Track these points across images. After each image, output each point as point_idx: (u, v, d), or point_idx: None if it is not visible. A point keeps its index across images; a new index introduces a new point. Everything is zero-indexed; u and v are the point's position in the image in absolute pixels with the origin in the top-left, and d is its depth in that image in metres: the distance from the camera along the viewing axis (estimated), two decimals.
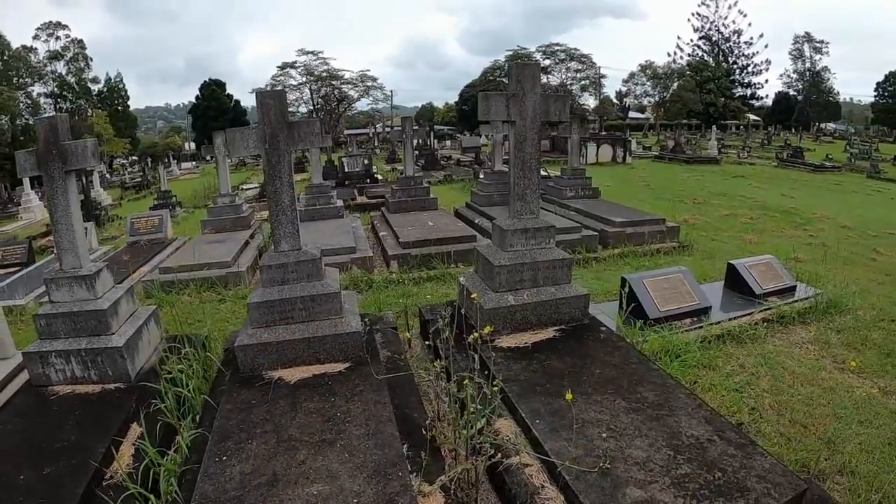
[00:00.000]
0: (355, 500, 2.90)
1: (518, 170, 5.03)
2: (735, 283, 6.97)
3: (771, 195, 18.20)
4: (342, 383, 4.13)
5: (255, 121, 4.77)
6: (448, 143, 46.49)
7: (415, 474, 3.17)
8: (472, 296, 4.51)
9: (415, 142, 34.38)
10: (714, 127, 41.60)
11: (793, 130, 60.73)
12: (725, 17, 76.25)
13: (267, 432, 3.51)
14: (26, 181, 21.01)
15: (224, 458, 3.27)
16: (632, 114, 73.68)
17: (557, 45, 58.62)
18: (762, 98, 79.24)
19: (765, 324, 6.11)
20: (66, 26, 54.98)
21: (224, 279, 8.31)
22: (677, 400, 3.76)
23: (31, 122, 47.40)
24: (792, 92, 79.38)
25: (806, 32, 78.01)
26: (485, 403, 3.39)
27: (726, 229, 12.37)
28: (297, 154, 31.74)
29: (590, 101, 63.61)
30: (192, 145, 59.00)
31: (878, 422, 4.30)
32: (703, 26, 77.20)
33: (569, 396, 3.08)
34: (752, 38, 76.38)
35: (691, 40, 77.95)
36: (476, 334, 3.30)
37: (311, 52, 51.32)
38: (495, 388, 3.32)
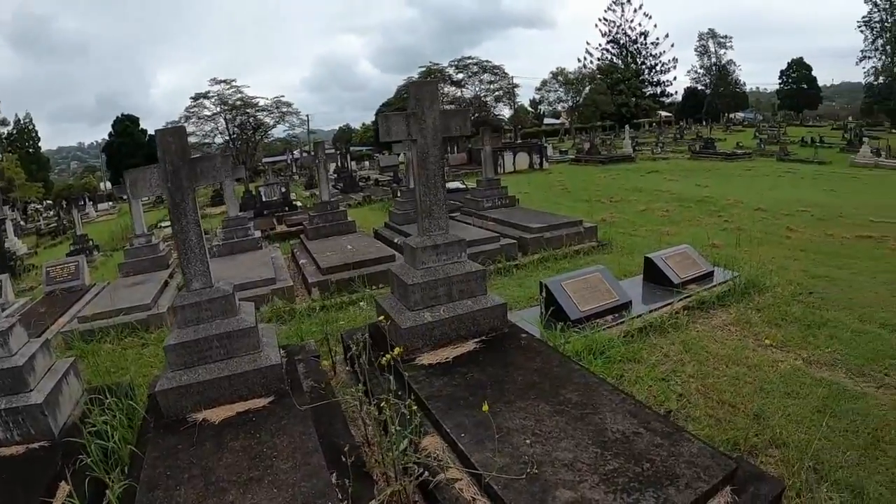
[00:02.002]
0: None
1: (423, 187, 5.05)
2: (653, 275, 7.13)
3: (685, 187, 18.76)
4: (266, 418, 4.04)
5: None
6: (367, 163, 46.40)
7: (345, 502, 3.11)
8: (379, 318, 4.49)
9: (333, 165, 34.26)
10: (627, 126, 42.84)
11: (703, 123, 63.02)
12: (632, 21, 79.02)
13: (195, 476, 3.41)
14: None
15: None
16: (547, 120, 75.06)
17: (469, 58, 59.25)
18: (672, 95, 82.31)
19: (685, 312, 6.26)
20: None
21: (145, 322, 8.03)
22: (601, 397, 3.80)
23: None
24: (700, 86, 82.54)
25: (710, 29, 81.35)
26: (405, 424, 3.36)
27: (643, 224, 12.70)
28: (215, 186, 31.09)
29: (505, 112, 64.46)
30: (109, 185, 57.12)
31: (804, 392, 4.48)
32: (610, 31, 79.74)
33: (485, 408, 3.07)
34: (658, 39, 79.28)
35: (600, 45, 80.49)
36: (388, 356, 3.28)
37: (224, 81, 50.29)
38: (414, 408, 3.30)
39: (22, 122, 59.23)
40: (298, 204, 20.36)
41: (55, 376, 4.67)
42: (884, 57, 62.90)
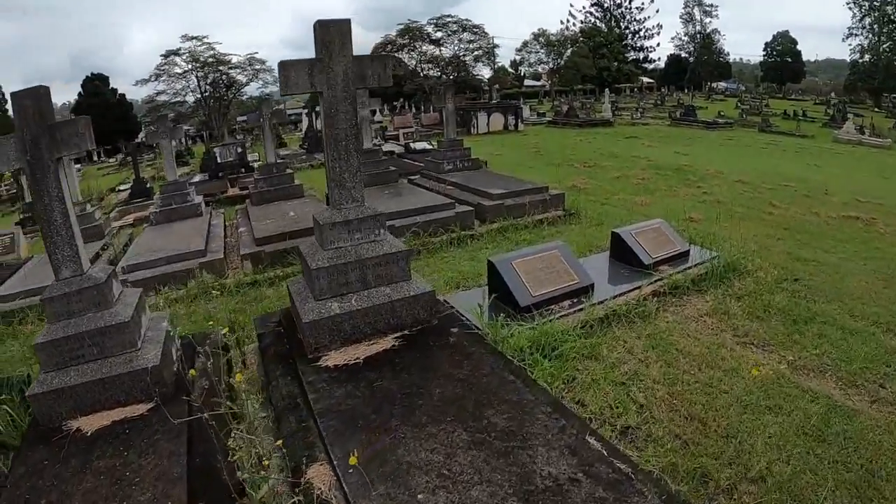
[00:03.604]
0: None
1: (332, 150, 4.23)
2: (621, 253, 6.31)
3: (664, 154, 18.05)
4: (141, 431, 3.45)
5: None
6: None
7: None
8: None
9: (305, 124, 33.13)
10: (607, 90, 42.00)
11: (685, 90, 62.43)
12: None
13: (52, 503, 2.95)
14: None
15: None
16: (528, 82, 74.04)
17: (449, 16, 57.43)
18: (655, 61, 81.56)
19: (655, 298, 5.44)
20: None
21: None
22: (535, 422, 3.05)
23: None
24: (684, 54, 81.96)
25: None
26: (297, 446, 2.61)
27: (617, 192, 11.92)
28: (177, 147, 29.98)
29: (485, 72, 63.02)
30: None
31: (789, 406, 3.72)
32: None
33: (352, 460, 2.30)
34: (643, 3, 78.08)
35: (584, 7, 79.85)
36: (238, 375, 2.54)
37: (196, 38, 48.51)
38: (279, 443, 2.57)
39: None
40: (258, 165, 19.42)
41: None
42: (871, 35, 62.22)
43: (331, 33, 4.04)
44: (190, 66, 47.89)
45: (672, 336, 4.74)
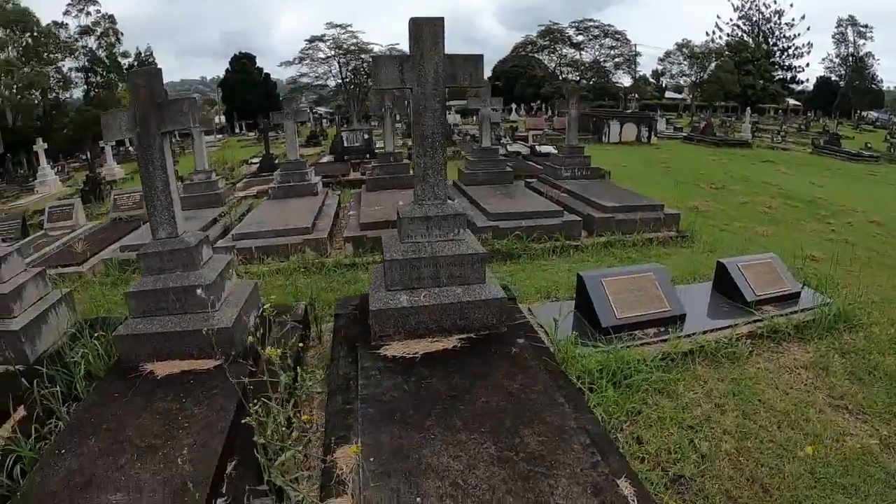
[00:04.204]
0: None
1: (419, 146, 4.28)
2: (724, 285, 5.94)
3: (798, 183, 17.02)
4: (203, 384, 3.81)
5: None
6: (474, 118, 45.62)
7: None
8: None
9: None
10: (749, 109, 40.02)
11: (832, 117, 58.53)
12: None
13: (110, 430, 3.33)
14: (42, 156, 20.54)
15: (63, 451, 3.16)
16: (669, 94, 71.60)
17: (591, 20, 56.35)
18: (803, 82, 76.44)
19: (750, 339, 5.05)
20: (97, 1, 54.12)
21: None
22: (569, 451, 2.93)
23: (61, 98, 47.79)
24: (834, 77, 76.30)
25: (850, 16, 74.72)
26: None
27: (740, 219, 11.32)
28: (311, 128, 31.07)
29: (625, 80, 61.56)
30: (223, 118, 58.31)
31: (866, 489, 3.30)
32: (742, 5, 74.57)
33: (354, 449, 2.35)
34: (793, 20, 73.50)
35: (731, 20, 75.57)
36: (272, 350, 2.71)
37: (340, 26, 50.21)
38: (308, 417, 2.71)
39: (142, 55, 60.53)
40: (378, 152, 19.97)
41: (42, 306, 4.82)
42: None
43: (423, 31, 4.09)
44: (333, 53, 49.55)
45: (758, 385, 4.38)
